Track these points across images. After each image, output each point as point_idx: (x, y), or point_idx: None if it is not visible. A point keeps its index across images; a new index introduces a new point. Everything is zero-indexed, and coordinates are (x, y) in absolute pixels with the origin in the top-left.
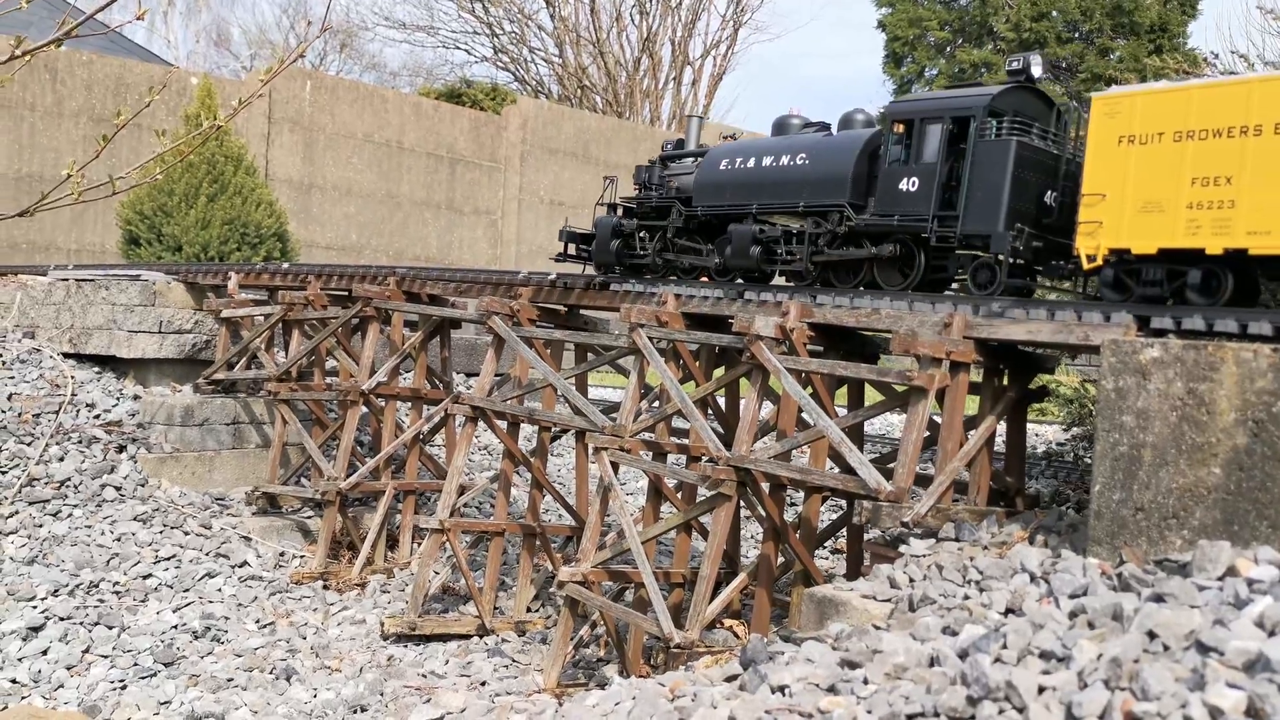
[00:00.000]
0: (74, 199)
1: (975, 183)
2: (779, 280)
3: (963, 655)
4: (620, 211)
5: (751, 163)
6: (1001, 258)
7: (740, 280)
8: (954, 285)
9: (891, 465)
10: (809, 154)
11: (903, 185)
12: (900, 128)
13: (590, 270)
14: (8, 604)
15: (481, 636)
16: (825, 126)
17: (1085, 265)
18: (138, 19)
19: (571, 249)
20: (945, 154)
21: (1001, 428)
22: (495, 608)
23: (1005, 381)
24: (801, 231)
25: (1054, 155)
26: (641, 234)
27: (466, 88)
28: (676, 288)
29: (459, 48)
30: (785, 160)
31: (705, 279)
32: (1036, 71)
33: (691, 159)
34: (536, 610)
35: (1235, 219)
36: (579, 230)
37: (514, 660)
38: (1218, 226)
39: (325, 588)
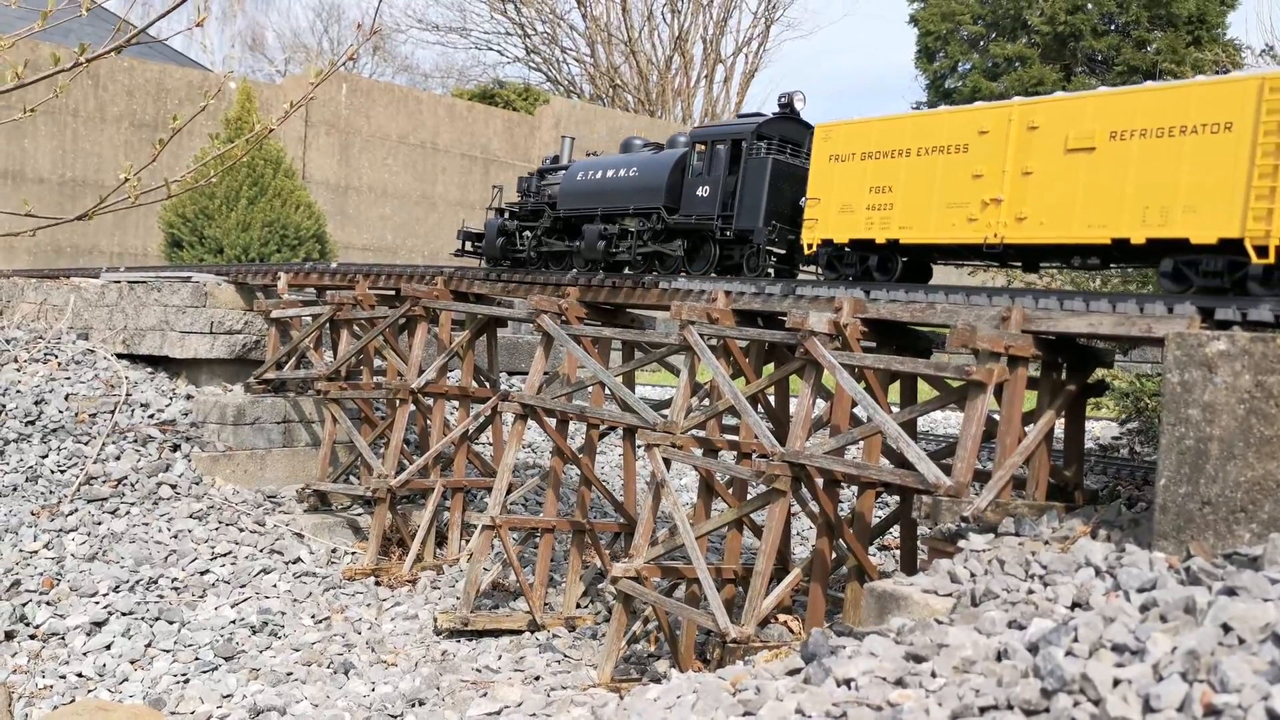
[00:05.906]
0: (131, 202)
1: (745, 191)
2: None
3: (1032, 649)
4: (506, 214)
5: (599, 174)
6: (762, 247)
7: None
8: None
9: (942, 461)
10: (638, 167)
11: (699, 192)
12: (701, 147)
13: (482, 264)
14: (71, 600)
15: (532, 632)
16: (659, 147)
17: (806, 251)
18: (197, 25)
19: (468, 246)
20: (728, 168)
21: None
22: (545, 603)
23: (1063, 376)
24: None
25: (806, 170)
26: (524, 233)
27: (499, 88)
28: (726, 285)
29: (491, 49)
30: (622, 172)
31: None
32: (799, 105)
33: (562, 171)
34: (586, 606)
35: (892, 217)
36: (473, 230)
37: (565, 655)
38: (882, 223)
39: (377, 584)
